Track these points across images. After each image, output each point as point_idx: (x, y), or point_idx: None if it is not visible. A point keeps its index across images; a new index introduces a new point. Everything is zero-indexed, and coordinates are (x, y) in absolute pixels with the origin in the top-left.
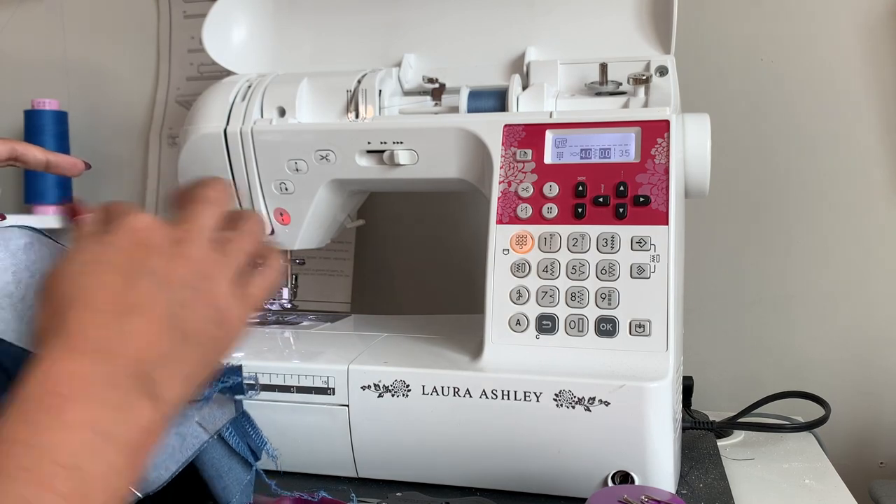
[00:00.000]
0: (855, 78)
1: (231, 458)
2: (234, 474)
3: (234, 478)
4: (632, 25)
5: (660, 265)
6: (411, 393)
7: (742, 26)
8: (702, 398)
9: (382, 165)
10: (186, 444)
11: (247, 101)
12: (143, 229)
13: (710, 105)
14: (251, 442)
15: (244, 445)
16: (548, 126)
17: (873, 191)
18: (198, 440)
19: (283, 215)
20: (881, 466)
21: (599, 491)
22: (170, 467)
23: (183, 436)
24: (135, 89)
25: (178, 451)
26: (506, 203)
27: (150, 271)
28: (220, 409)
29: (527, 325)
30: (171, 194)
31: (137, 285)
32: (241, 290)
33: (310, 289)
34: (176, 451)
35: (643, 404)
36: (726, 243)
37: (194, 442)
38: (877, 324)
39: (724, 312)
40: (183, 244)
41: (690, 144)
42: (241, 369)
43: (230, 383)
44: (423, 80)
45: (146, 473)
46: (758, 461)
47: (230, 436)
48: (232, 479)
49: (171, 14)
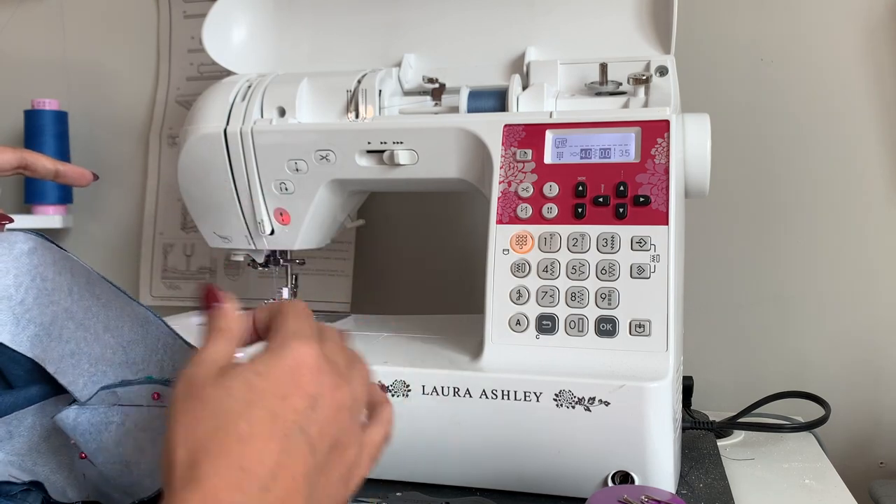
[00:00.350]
0: (855, 78)
1: None
2: None
3: None
4: (632, 25)
5: (660, 265)
6: (411, 393)
7: (742, 26)
8: (702, 398)
9: (382, 165)
10: None
11: (247, 101)
12: (307, 368)
13: (710, 105)
14: None
15: None
16: (548, 126)
17: (873, 191)
18: None
19: (283, 215)
20: (881, 466)
21: (599, 491)
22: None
23: None
24: (135, 89)
25: None
26: (506, 203)
27: (302, 429)
28: None
29: (527, 325)
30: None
31: (289, 444)
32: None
33: (310, 289)
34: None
35: (643, 404)
36: (726, 243)
37: None
38: (877, 324)
39: (724, 312)
40: (339, 391)
41: (690, 144)
42: None
43: None
44: (423, 80)
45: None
46: (758, 461)
47: None
48: None
49: (171, 14)
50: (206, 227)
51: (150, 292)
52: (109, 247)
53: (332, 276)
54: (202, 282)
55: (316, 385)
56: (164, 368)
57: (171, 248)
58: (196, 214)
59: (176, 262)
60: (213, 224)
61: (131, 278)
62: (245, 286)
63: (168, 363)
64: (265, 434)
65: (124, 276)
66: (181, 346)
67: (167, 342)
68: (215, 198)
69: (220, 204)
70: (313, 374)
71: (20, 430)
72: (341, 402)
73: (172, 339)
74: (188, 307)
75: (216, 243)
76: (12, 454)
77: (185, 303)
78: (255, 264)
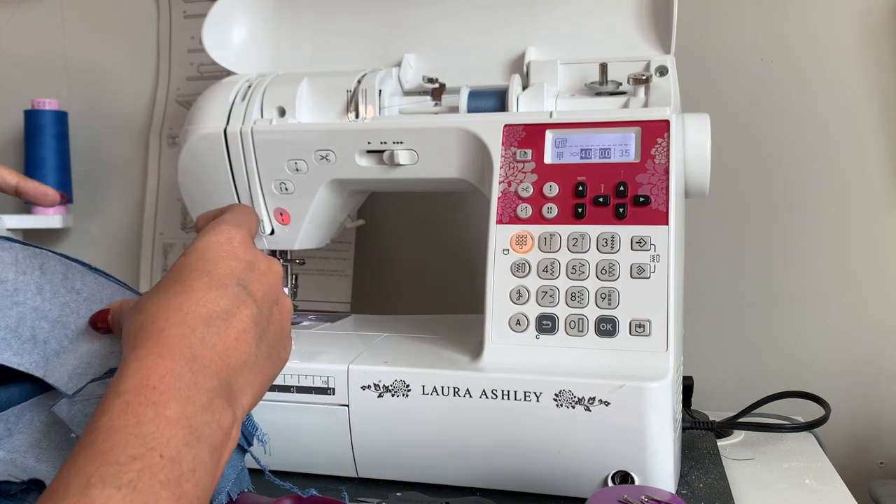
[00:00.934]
0: (855, 78)
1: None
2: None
3: (228, 464)
4: (632, 25)
5: (660, 265)
6: (411, 393)
7: (742, 26)
8: (702, 398)
9: (382, 165)
10: None
11: (247, 101)
12: (237, 243)
13: (710, 105)
14: (243, 429)
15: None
16: (548, 126)
17: (873, 191)
18: None
19: (283, 215)
20: (881, 466)
21: (599, 491)
22: None
23: None
24: (135, 89)
25: None
26: (506, 203)
27: (240, 282)
28: None
29: (527, 325)
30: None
31: (227, 292)
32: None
33: (310, 289)
34: None
35: (643, 404)
36: (726, 243)
37: None
38: (877, 324)
39: (724, 312)
40: (270, 262)
41: (690, 144)
42: None
43: None
44: (423, 80)
45: None
46: (758, 461)
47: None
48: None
49: (171, 14)
50: None
51: None
52: (109, 247)
53: (332, 276)
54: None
55: (250, 253)
56: None
57: (171, 248)
58: (196, 214)
59: None
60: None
61: (131, 278)
62: None
63: None
64: (202, 286)
65: (124, 277)
66: None
67: None
68: (215, 198)
69: (220, 204)
70: (245, 246)
71: (19, 427)
72: (277, 271)
73: None
74: None
75: None
76: (13, 452)
77: None
78: None
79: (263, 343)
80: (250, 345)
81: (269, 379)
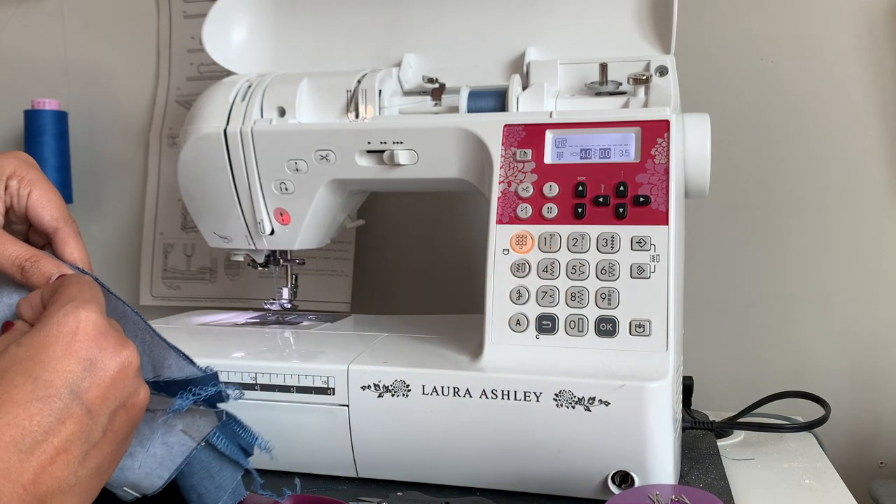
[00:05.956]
0: (855, 78)
1: (221, 459)
2: (226, 473)
3: (226, 476)
4: (632, 25)
5: (660, 265)
6: (411, 393)
7: (742, 26)
8: (702, 398)
9: (382, 165)
10: (175, 453)
11: (247, 101)
12: (82, 334)
13: (710, 105)
14: (241, 441)
15: (234, 447)
16: (548, 126)
17: (873, 191)
18: (185, 447)
19: (283, 215)
20: (881, 466)
21: (628, 490)
22: (162, 475)
23: (170, 445)
24: (135, 89)
25: (168, 459)
26: (506, 203)
27: (73, 391)
28: (203, 418)
29: (527, 325)
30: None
31: (51, 405)
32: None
33: (310, 289)
34: (166, 459)
35: (643, 404)
36: (726, 243)
37: (182, 449)
38: (877, 324)
39: (724, 312)
40: (120, 356)
41: (690, 144)
42: (216, 377)
43: (204, 395)
44: (423, 80)
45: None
46: (758, 461)
47: (218, 440)
48: (224, 476)
49: (171, 14)
50: (206, 227)
51: (150, 292)
52: (109, 247)
53: (332, 276)
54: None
55: (94, 348)
56: (143, 366)
57: (172, 248)
58: (196, 214)
59: (176, 262)
60: (214, 224)
61: (131, 278)
62: (245, 286)
63: (146, 361)
64: (23, 398)
65: (124, 276)
66: (159, 344)
67: (144, 339)
68: (215, 198)
69: (220, 204)
70: (90, 338)
71: None
72: (129, 365)
73: (150, 336)
74: (188, 307)
75: (216, 243)
76: None
77: (186, 303)
78: (255, 264)
79: (90, 460)
80: (70, 465)
81: (95, 493)
